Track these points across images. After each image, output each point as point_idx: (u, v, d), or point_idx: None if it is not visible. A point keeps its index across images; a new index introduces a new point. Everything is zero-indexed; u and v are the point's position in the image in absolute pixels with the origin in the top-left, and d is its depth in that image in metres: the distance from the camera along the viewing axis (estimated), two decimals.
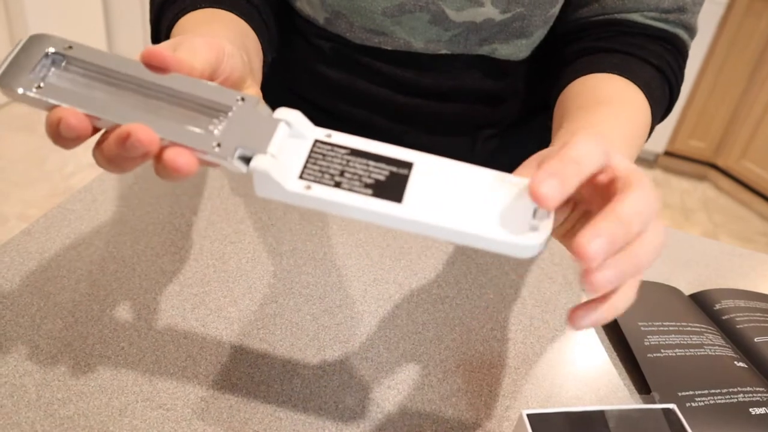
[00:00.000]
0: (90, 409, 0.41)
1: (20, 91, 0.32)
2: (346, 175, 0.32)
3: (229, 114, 0.33)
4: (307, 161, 0.32)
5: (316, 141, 0.33)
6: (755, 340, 0.53)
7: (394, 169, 0.32)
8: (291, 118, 0.33)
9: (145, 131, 0.30)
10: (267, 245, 0.57)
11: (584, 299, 0.57)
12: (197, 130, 0.32)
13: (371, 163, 0.32)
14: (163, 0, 0.53)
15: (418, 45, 0.62)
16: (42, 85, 0.32)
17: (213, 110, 0.33)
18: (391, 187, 0.32)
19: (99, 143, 0.33)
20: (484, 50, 0.63)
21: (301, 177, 0.32)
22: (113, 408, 0.41)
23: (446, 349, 0.49)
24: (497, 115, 0.71)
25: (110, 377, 0.43)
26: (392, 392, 0.45)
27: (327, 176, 0.32)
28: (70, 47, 0.33)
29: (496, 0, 0.58)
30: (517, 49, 0.64)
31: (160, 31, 0.54)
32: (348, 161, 0.32)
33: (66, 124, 0.31)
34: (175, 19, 0.49)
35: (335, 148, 0.33)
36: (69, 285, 0.50)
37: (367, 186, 0.31)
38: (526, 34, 0.63)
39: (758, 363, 0.51)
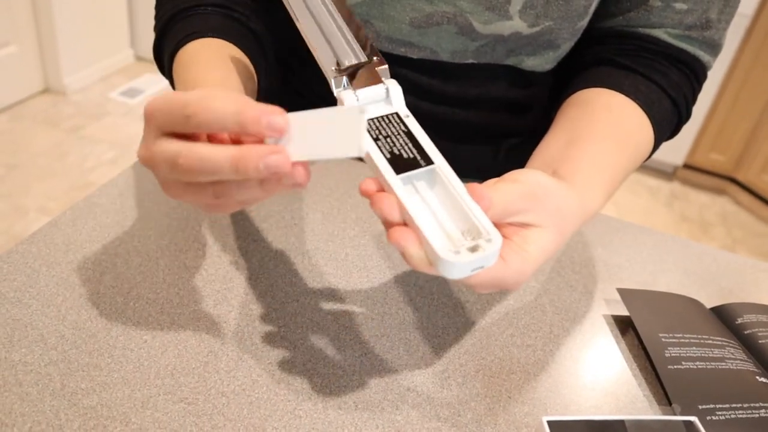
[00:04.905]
0: (113, 400, 0.41)
1: None
2: (387, 139, 0.40)
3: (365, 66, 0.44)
4: (376, 118, 0.42)
5: (396, 113, 0.42)
6: None
7: (419, 157, 0.39)
8: (391, 87, 0.43)
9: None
10: (289, 244, 0.58)
11: (603, 309, 0.57)
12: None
13: (410, 143, 0.40)
14: (168, 18, 0.56)
15: (444, 55, 0.62)
16: None
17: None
18: (405, 165, 0.39)
19: None
20: (511, 61, 0.63)
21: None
22: (135, 400, 0.42)
23: (466, 354, 0.49)
24: (521, 124, 0.71)
25: (133, 369, 0.44)
26: (411, 394, 0.45)
27: (375, 131, 0.41)
28: None
29: (524, 14, 0.58)
30: (544, 61, 0.64)
31: (162, 51, 0.56)
32: (396, 134, 0.41)
33: None
34: (177, 46, 0.52)
35: (400, 123, 0.41)
36: (94, 277, 0.51)
37: (390, 152, 0.39)
38: (553, 46, 0.62)
39: None
